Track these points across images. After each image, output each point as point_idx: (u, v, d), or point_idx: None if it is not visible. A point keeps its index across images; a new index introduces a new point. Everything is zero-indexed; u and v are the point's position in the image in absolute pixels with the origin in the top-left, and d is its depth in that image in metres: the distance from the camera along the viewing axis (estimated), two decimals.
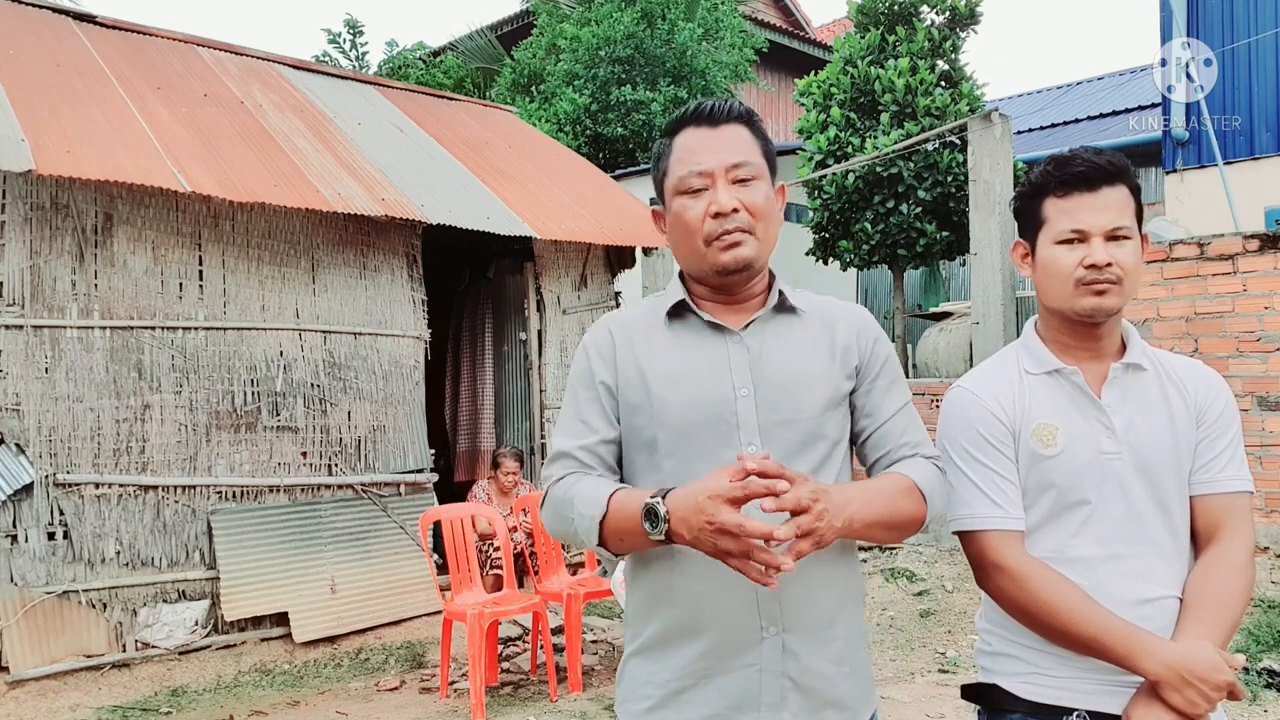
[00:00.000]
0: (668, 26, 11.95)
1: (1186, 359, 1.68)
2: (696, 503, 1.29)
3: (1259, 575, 5.40)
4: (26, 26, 6.01)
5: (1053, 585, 1.51)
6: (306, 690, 4.66)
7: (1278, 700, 4.07)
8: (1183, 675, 1.42)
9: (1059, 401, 1.60)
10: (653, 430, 1.50)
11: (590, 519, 1.42)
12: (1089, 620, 1.48)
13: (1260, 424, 5.43)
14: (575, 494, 1.46)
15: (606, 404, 1.54)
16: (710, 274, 1.53)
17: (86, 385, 4.87)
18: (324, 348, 5.65)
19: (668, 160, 1.56)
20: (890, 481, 1.48)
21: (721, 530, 1.26)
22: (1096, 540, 1.54)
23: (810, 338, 1.56)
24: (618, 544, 1.44)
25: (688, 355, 1.53)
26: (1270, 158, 8.56)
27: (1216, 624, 1.48)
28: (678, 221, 1.53)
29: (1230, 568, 1.53)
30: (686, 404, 1.48)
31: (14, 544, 4.63)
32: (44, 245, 4.83)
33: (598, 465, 1.53)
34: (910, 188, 8.55)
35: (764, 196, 1.52)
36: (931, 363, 8.38)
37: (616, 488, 1.44)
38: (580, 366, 1.60)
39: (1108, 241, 1.54)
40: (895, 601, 5.89)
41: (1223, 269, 5.66)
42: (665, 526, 1.33)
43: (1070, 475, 1.55)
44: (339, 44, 15.85)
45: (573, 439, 1.55)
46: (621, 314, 1.65)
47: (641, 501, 1.37)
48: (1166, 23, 8.87)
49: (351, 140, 6.36)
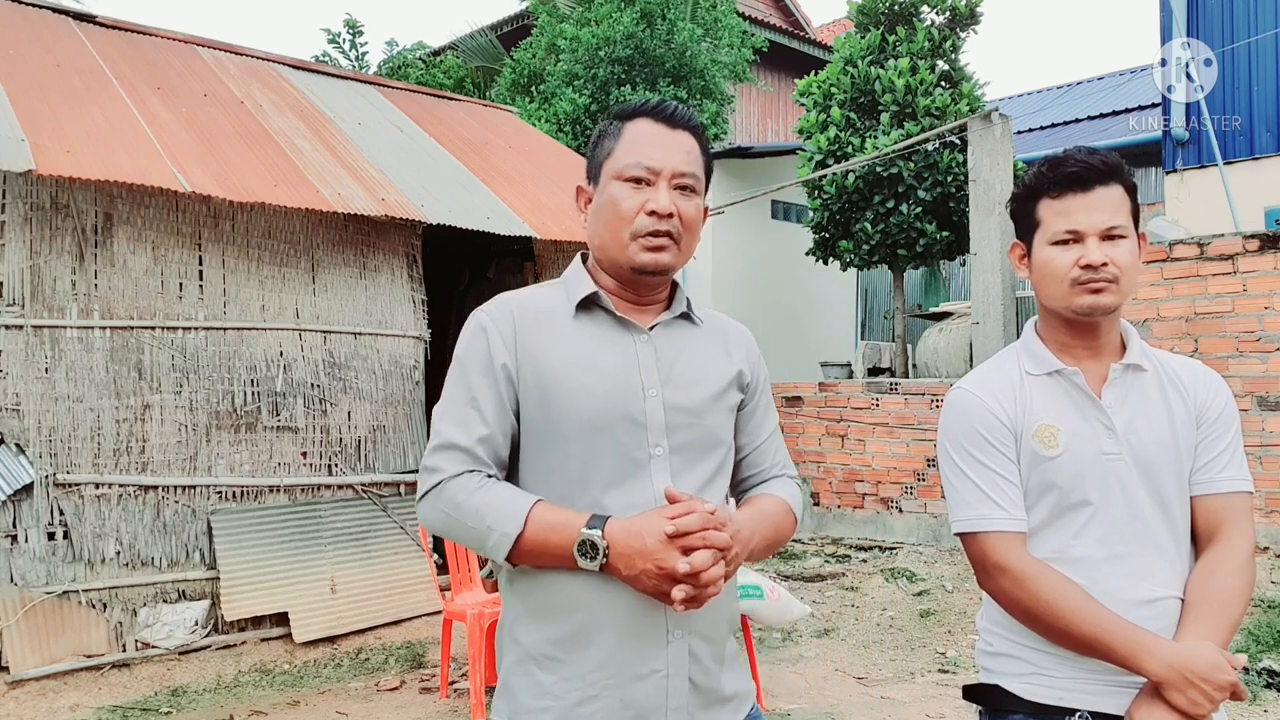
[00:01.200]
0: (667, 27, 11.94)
1: (1186, 359, 1.68)
2: (645, 546, 1.31)
3: (1259, 575, 5.40)
4: (26, 26, 6.01)
5: (1055, 586, 1.51)
6: (306, 690, 4.66)
7: (1278, 700, 4.07)
8: (1185, 676, 1.42)
9: (1060, 402, 1.60)
10: (559, 424, 1.44)
11: (504, 535, 1.37)
12: (1091, 620, 1.48)
13: (1260, 424, 5.43)
14: (482, 502, 1.39)
15: (504, 392, 1.46)
16: (624, 269, 1.50)
17: (86, 385, 4.87)
18: (324, 348, 5.65)
19: (614, 143, 1.52)
20: (774, 506, 1.56)
21: (669, 576, 1.30)
22: (1098, 541, 1.55)
23: (709, 347, 1.58)
24: (528, 560, 1.40)
25: (598, 349, 1.48)
26: (1270, 158, 8.56)
27: (1218, 624, 1.48)
28: (610, 206, 1.49)
29: (1231, 568, 1.53)
30: (597, 399, 1.44)
31: (14, 544, 4.63)
32: (44, 245, 4.83)
33: (491, 462, 1.46)
34: (910, 188, 8.55)
35: (696, 209, 1.52)
36: (931, 363, 8.38)
37: (534, 501, 1.39)
38: (475, 347, 1.48)
39: (1103, 241, 1.55)
40: (895, 601, 5.89)
41: (1223, 269, 5.67)
42: (603, 561, 1.33)
43: (1072, 476, 1.56)
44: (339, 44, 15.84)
45: (464, 430, 1.44)
46: (520, 297, 1.55)
47: (574, 529, 1.35)
48: (1166, 23, 8.87)
49: (351, 140, 6.36)
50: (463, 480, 1.42)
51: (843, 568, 6.83)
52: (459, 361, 1.50)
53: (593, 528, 1.35)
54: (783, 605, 4.03)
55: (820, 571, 6.75)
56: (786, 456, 1.69)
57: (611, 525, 1.35)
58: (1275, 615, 4.99)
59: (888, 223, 8.66)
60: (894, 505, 7.27)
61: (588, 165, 1.58)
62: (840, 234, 9.06)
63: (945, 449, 1.66)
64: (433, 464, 1.45)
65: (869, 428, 7.42)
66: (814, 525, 7.81)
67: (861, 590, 6.21)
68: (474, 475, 1.42)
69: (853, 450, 7.57)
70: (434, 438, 1.47)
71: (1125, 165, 1.60)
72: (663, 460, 1.45)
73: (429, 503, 1.44)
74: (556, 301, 1.52)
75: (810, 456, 7.85)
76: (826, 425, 7.72)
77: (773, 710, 4.19)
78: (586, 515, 1.37)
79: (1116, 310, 1.58)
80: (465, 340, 1.51)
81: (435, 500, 1.43)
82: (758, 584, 3.98)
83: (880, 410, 7.37)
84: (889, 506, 7.31)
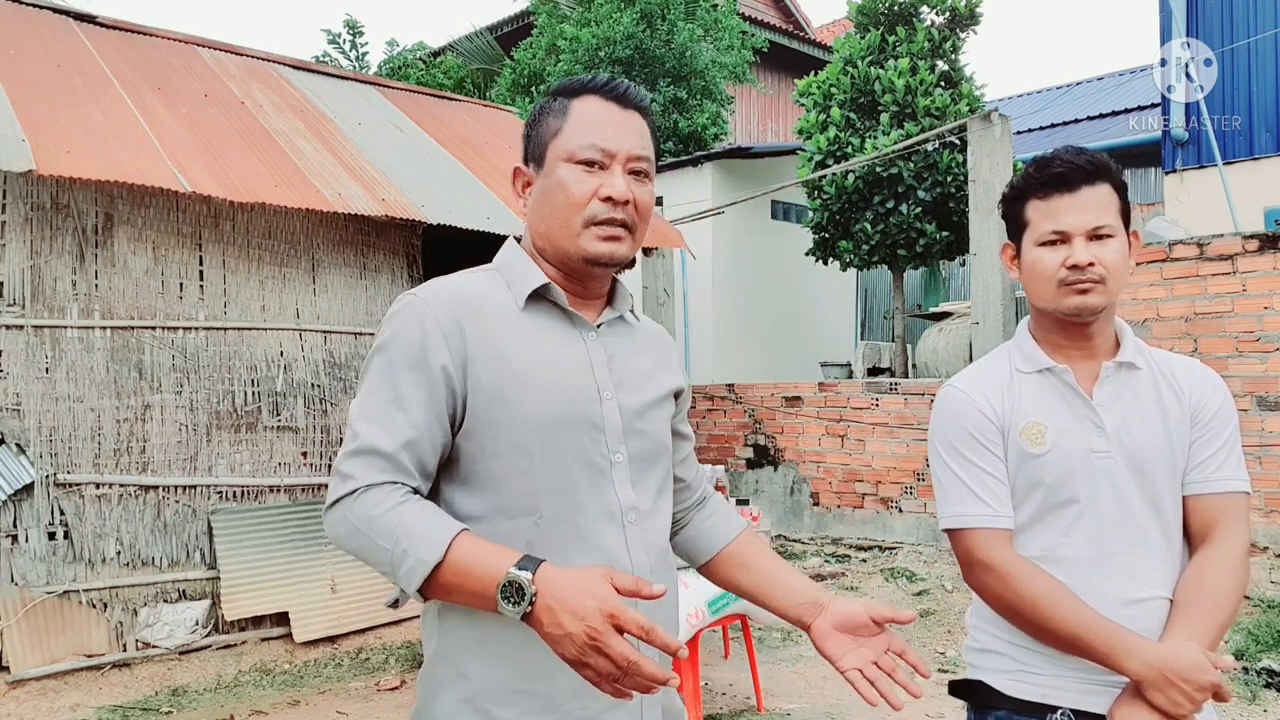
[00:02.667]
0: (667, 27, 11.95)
1: (1183, 358, 1.67)
2: (582, 608, 1.10)
3: (1259, 575, 5.40)
4: (26, 26, 6.01)
5: (1038, 583, 1.52)
6: (307, 690, 4.66)
7: (1278, 700, 4.07)
8: (1166, 675, 1.42)
9: (1049, 400, 1.60)
10: (516, 429, 1.28)
11: (420, 562, 1.17)
12: (1072, 618, 1.48)
13: (1260, 424, 5.44)
14: (399, 522, 1.19)
15: (439, 393, 1.27)
16: (573, 259, 1.36)
17: (87, 385, 4.87)
18: (324, 348, 5.66)
19: (560, 121, 1.38)
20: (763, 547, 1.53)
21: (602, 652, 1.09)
22: (1087, 539, 1.54)
23: (648, 351, 1.48)
24: (441, 595, 1.20)
25: (551, 346, 1.35)
26: (1270, 158, 8.57)
27: (1205, 624, 1.48)
28: (559, 190, 1.35)
29: (1222, 568, 1.52)
30: (558, 401, 1.31)
31: (14, 544, 4.63)
32: (44, 245, 4.83)
33: (416, 472, 1.26)
34: (910, 188, 8.55)
35: (650, 196, 1.41)
36: (931, 363, 8.38)
37: (459, 529, 1.20)
38: (406, 340, 1.29)
39: (1090, 241, 1.55)
40: (895, 601, 5.89)
41: (1222, 269, 5.67)
42: (527, 610, 1.13)
43: (1059, 474, 1.56)
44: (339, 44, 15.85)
45: (387, 433, 1.25)
46: (457, 285, 1.36)
47: (500, 567, 1.15)
48: (1166, 23, 8.88)
49: (352, 140, 6.36)
50: (381, 492, 1.22)
51: (843, 568, 6.83)
52: (383, 352, 1.30)
53: (523, 568, 1.14)
54: None
55: (820, 571, 6.75)
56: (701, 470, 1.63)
57: (546, 572, 1.14)
58: (1275, 615, 4.99)
59: (887, 223, 8.67)
60: (894, 505, 7.27)
61: (526, 145, 1.43)
62: (840, 234, 9.07)
63: (934, 446, 1.67)
64: (348, 470, 1.24)
65: (869, 428, 7.43)
66: (814, 525, 7.81)
67: (861, 590, 6.21)
68: (395, 488, 1.23)
69: (853, 450, 7.57)
70: (350, 439, 1.26)
71: (1114, 164, 1.60)
72: (623, 468, 1.35)
73: (338, 514, 1.23)
74: (497, 291, 1.36)
75: (810, 456, 7.85)
76: (826, 425, 7.72)
77: (773, 710, 4.19)
78: (518, 554, 1.17)
79: (1107, 309, 1.58)
80: (394, 330, 1.30)
81: (346, 511, 1.22)
82: None
83: (880, 410, 7.38)
84: (889, 506, 7.31)
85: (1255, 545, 5.46)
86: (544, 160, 1.39)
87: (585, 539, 1.30)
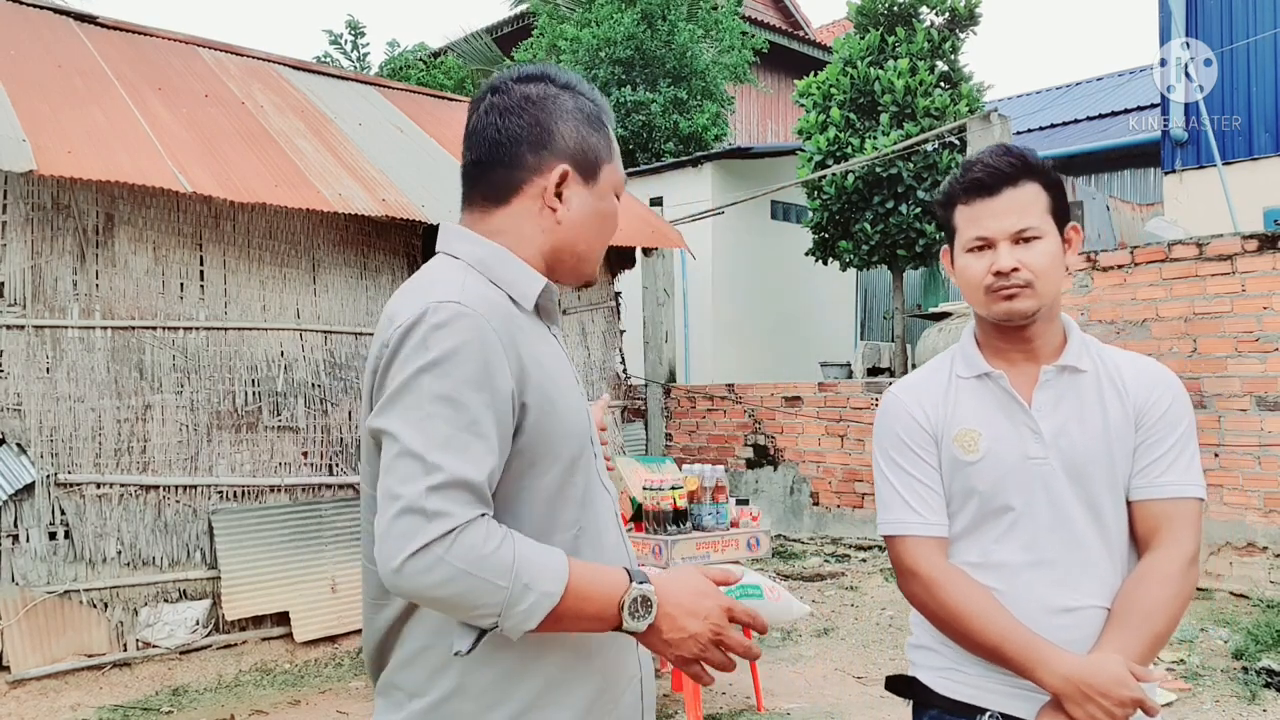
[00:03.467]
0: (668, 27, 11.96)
1: (1137, 358, 1.61)
2: (702, 609, 1.19)
3: (1258, 575, 5.41)
4: (27, 27, 6.02)
5: (961, 592, 1.50)
6: (307, 689, 4.67)
7: (1278, 700, 4.08)
8: (1081, 689, 1.39)
9: (986, 406, 1.57)
10: (556, 444, 1.23)
11: (546, 595, 1.11)
12: (991, 628, 1.46)
13: (1259, 424, 5.44)
14: (518, 556, 1.11)
15: (506, 416, 1.17)
16: (572, 278, 1.39)
17: (88, 385, 4.88)
18: (325, 348, 5.66)
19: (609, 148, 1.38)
20: None
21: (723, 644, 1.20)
22: (1021, 546, 1.52)
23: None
24: (554, 627, 1.14)
25: (555, 351, 1.31)
26: (1269, 158, 8.57)
27: (1136, 637, 1.44)
28: (610, 222, 1.37)
29: (1159, 578, 1.47)
30: (581, 409, 1.29)
31: (15, 544, 4.64)
32: (45, 245, 4.84)
33: (492, 499, 1.17)
34: (910, 188, 8.56)
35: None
36: None
37: (565, 555, 1.16)
38: (469, 356, 1.15)
39: (1015, 244, 1.51)
40: (895, 601, 5.90)
41: (1221, 269, 5.67)
42: (650, 621, 1.17)
43: (992, 481, 1.53)
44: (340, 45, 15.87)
45: (473, 464, 1.12)
46: (483, 289, 1.24)
47: (616, 586, 1.15)
48: (1166, 23, 8.88)
49: (352, 141, 6.37)
50: (482, 528, 1.11)
51: (842, 567, 6.84)
52: (441, 369, 1.14)
53: (643, 581, 1.17)
54: (782, 605, 4.04)
55: (820, 571, 6.76)
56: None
57: (657, 581, 1.19)
58: (1275, 615, 5.00)
59: (887, 223, 8.68)
60: None
61: (582, 152, 1.33)
62: (840, 234, 9.08)
63: (874, 452, 1.67)
64: (437, 507, 1.09)
65: (869, 428, 7.43)
66: (814, 525, 7.82)
67: (861, 590, 6.22)
68: (491, 523, 1.13)
69: (852, 450, 7.58)
70: (425, 472, 1.10)
71: (1042, 162, 1.55)
72: (603, 472, 1.36)
73: (431, 557, 1.08)
74: (497, 293, 1.26)
75: (810, 456, 7.86)
76: (826, 425, 7.73)
77: (773, 710, 4.20)
78: (621, 569, 1.19)
79: (1046, 310, 1.54)
80: (452, 345, 1.15)
81: (443, 554, 1.08)
82: (757, 583, 3.99)
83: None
84: None
85: (1254, 545, 5.47)
86: (598, 178, 1.34)
87: (604, 543, 1.31)
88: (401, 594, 1.14)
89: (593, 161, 1.33)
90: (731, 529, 4.09)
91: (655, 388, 8.96)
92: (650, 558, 3.90)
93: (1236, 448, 5.47)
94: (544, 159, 1.30)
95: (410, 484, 1.10)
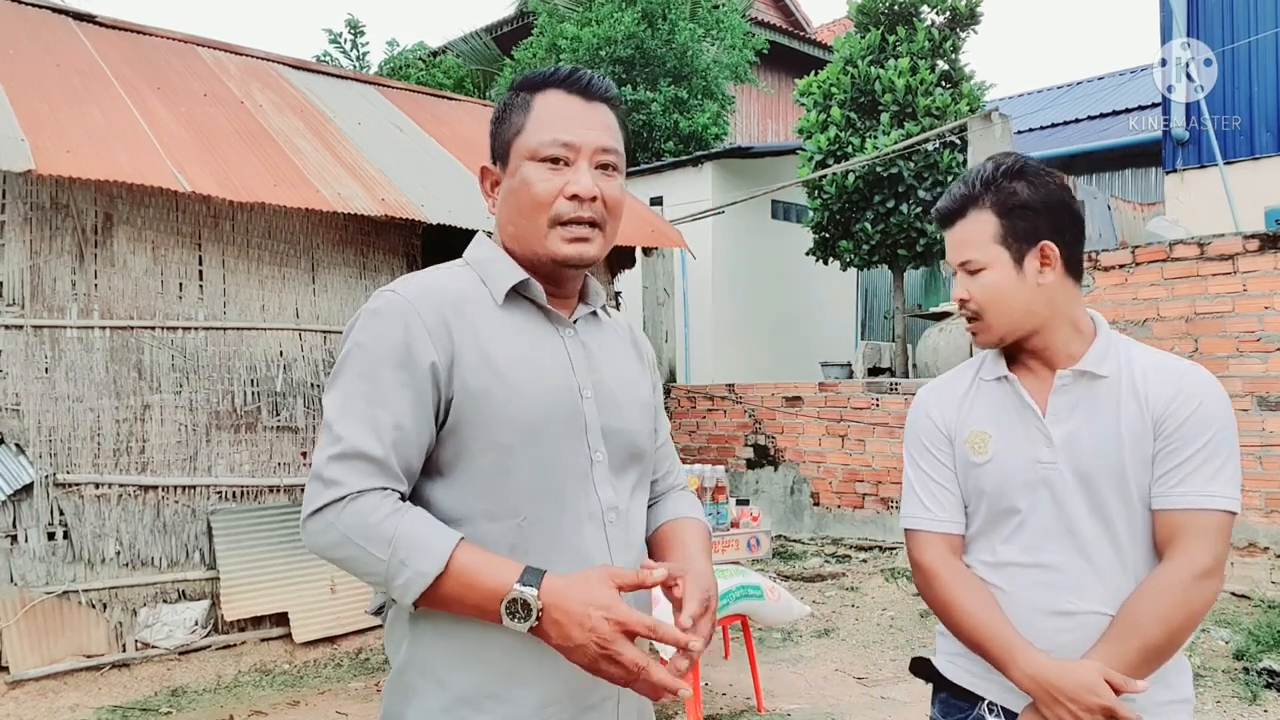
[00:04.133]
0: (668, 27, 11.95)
1: (1165, 364, 1.55)
2: (589, 619, 1.13)
3: (1259, 575, 5.40)
4: (26, 26, 6.01)
5: (956, 586, 1.56)
6: (306, 690, 4.66)
7: (1278, 700, 4.07)
8: (1048, 692, 1.41)
9: (1000, 409, 1.60)
10: (500, 430, 1.24)
11: (420, 574, 1.15)
12: (974, 620, 1.52)
13: (1260, 424, 5.43)
14: (397, 530, 1.16)
15: (426, 392, 1.23)
16: (543, 261, 1.33)
17: (86, 385, 4.87)
18: (324, 347, 5.65)
19: (524, 117, 1.33)
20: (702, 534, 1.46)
21: (614, 660, 1.13)
22: (1023, 549, 1.54)
23: (623, 347, 1.47)
24: (438, 606, 1.18)
25: (533, 345, 1.32)
26: (1270, 158, 8.56)
27: (1122, 646, 1.43)
28: (525, 191, 1.31)
29: (1160, 589, 1.45)
30: (541, 401, 1.27)
31: (14, 544, 4.63)
32: (44, 245, 4.83)
33: (402, 475, 1.22)
34: (910, 188, 8.55)
35: (620, 190, 1.36)
36: (931, 363, 8.38)
37: (457, 538, 1.18)
38: (390, 335, 1.24)
39: (966, 276, 1.59)
40: (895, 601, 5.89)
41: (1223, 269, 5.66)
42: (534, 624, 1.14)
43: (998, 483, 1.56)
44: (340, 44, 15.87)
45: (375, 436, 1.20)
46: (434, 281, 1.32)
47: (504, 581, 1.15)
48: (1166, 23, 8.87)
49: (351, 140, 6.36)
50: (373, 499, 1.18)
51: (843, 568, 6.83)
52: (363, 350, 1.24)
53: (527, 584, 1.15)
54: (783, 605, 4.03)
55: (820, 571, 6.75)
56: (678, 460, 1.60)
57: (549, 584, 1.15)
58: (1275, 615, 4.99)
59: (888, 223, 8.67)
60: (894, 505, 7.26)
61: (492, 144, 1.39)
62: (840, 234, 9.07)
63: (904, 449, 1.75)
64: (333, 475, 1.19)
65: (869, 428, 7.42)
66: (814, 525, 7.81)
67: (861, 590, 6.21)
68: (386, 495, 1.20)
69: (853, 450, 7.57)
70: (332, 442, 1.20)
71: (995, 181, 1.55)
72: (604, 467, 1.33)
73: (323, 521, 1.18)
74: (472, 288, 1.32)
75: (810, 456, 7.85)
76: (826, 425, 7.72)
77: (773, 710, 4.19)
78: (519, 566, 1.17)
79: (1051, 320, 1.54)
80: (375, 326, 1.25)
81: (334, 519, 1.18)
82: (758, 584, 3.98)
83: (880, 410, 7.37)
84: (889, 506, 7.30)
85: (1255, 545, 5.45)
86: (509, 158, 1.35)
87: (567, 541, 1.28)
88: (309, 550, 1.23)
89: (504, 148, 1.37)
90: (732, 529, 4.08)
91: None
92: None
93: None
94: (486, 168, 1.42)
95: (320, 451, 1.22)
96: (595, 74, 1.37)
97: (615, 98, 1.38)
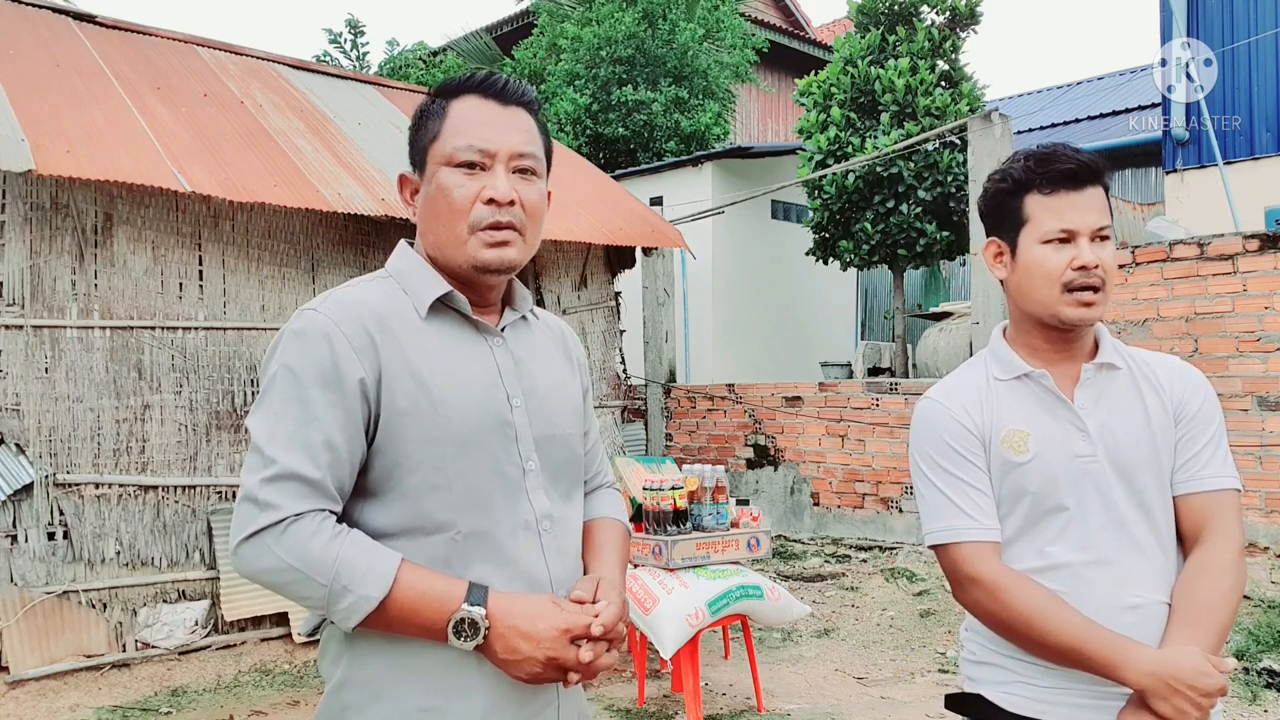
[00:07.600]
0: (669, 27, 11.94)
1: (1162, 356, 1.63)
2: (536, 633, 1.19)
3: (1259, 575, 5.40)
4: (26, 26, 6.01)
5: (1029, 595, 1.47)
6: (306, 690, 4.66)
7: (1278, 700, 4.07)
8: (1168, 683, 1.37)
9: (1029, 406, 1.57)
10: (429, 445, 1.24)
11: (364, 599, 1.16)
12: (1067, 630, 1.43)
13: (1260, 424, 5.43)
14: (340, 556, 1.16)
15: (355, 411, 1.22)
16: (463, 268, 1.31)
17: (86, 385, 4.87)
18: None
19: (439, 124, 1.33)
20: (617, 535, 1.49)
21: (560, 666, 1.21)
22: (1077, 546, 1.50)
23: (553, 350, 1.47)
24: (383, 629, 1.20)
25: (458, 355, 1.31)
26: (1270, 158, 8.56)
27: (1205, 628, 1.43)
28: (441, 197, 1.30)
29: (1217, 569, 1.47)
30: (471, 413, 1.27)
31: (14, 544, 4.63)
32: (44, 245, 4.83)
33: (337, 495, 1.22)
34: (910, 188, 8.55)
35: (539, 195, 1.35)
36: (931, 363, 8.38)
37: (399, 560, 1.19)
38: (316, 356, 1.22)
39: (1093, 241, 1.51)
40: (895, 601, 5.89)
41: (1223, 269, 5.66)
42: (479, 643, 1.19)
43: (1044, 481, 1.51)
44: (340, 44, 15.87)
45: (309, 458, 1.19)
46: (357, 296, 1.30)
47: (450, 601, 1.18)
48: (1166, 23, 8.87)
49: (351, 140, 6.36)
50: (310, 523, 1.18)
51: (843, 568, 6.83)
52: (290, 371, 1.22)
53: (474, 603, 1.18)
54: (783, 605, 4.03)
55: (820, 571, 6.75)
56: (606, 459, 1.60)
57: (495, 602, 1.20)
58: (1275, 615, 4.98)
59: (888, 223, 8.66)
60: (894, 505, 7.26)
61: (410, 151, 1.38)
62: (840, 234, 9.07)
63: (915, 461, 1.63)
64: (268, 498, 1.17)
65: (869, 428, 7.42)
66: (814, 525, 7.81)
67: (861, 590, 6.21)
68: (324, 518, 1.19)
69: (853, 450, 7.57)
70: (264, 465, 1.19)
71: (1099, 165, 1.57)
72: (536, 475, 1.33)
73: (259, 545, 1.16)
74: (396, 301, 1.31)
75: (810, 456, 7.84)
76: (826, 425, 7.72)
77: (773, 710, 4.19)
78: (463, 583, 1.20)
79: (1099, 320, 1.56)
80: (300, 347, 1.23)
81: (271, 543, 1.16)
82: (758, 584, 3.98)
83: (880, 410, 7.37)
84: (889, 506, 7.30)
85: (1255, 545, 5.45)
86: (425, 165, 1.34)
87: (502, 552, 1.28)
88: (242, 575, 1.21)
89: (420, 155, 1.36)
90: (732, 529, 4.08)
91: (655, 388, 8.96)
92: (650, 558, 3.89)
93: (1238, 448, 5.45)
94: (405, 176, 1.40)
95: (250, 475, 1.20)
96: (512, 78, 1.36)
97: (532, 102, 1.37)
